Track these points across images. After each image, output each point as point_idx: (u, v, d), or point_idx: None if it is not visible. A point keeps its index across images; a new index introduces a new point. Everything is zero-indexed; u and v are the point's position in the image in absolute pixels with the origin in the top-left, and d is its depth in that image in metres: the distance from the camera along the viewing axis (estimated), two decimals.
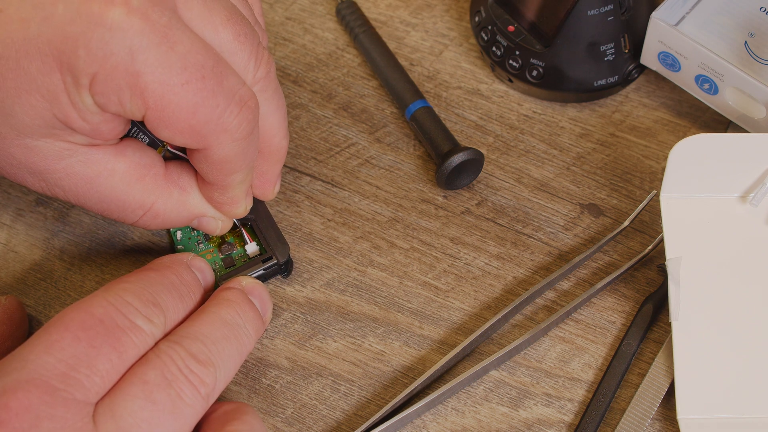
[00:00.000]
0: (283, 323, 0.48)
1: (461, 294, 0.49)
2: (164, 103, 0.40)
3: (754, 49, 0.50)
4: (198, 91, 0.40)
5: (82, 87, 0.39)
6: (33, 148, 0.42)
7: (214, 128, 0.41)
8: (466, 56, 0.58)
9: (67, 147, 0.42)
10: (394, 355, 0.47)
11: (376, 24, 0.59)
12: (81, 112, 0.40)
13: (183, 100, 0.40)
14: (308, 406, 0.46)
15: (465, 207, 0.52)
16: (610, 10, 0.52)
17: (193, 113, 0.40)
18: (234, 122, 0.41)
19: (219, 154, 0.42)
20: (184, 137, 0.41)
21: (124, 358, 0.38)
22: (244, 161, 0.44)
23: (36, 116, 0.40)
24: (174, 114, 0.40)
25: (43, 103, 0.40)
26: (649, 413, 0.45)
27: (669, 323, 0.46)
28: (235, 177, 0.44)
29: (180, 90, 0.40)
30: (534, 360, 0.47)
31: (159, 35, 0.39)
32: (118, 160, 0.43)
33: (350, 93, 0.56)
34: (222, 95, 0.41)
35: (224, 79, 0.41)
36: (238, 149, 0.43)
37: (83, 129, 0.41)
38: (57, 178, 0.43)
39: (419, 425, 0.45)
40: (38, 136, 0.41)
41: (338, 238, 0.51)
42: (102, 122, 0.41)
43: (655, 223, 0.51)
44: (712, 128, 0.54)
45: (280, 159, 0.48)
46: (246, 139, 0.42)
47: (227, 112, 0.41)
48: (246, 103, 0.42)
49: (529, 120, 0.55)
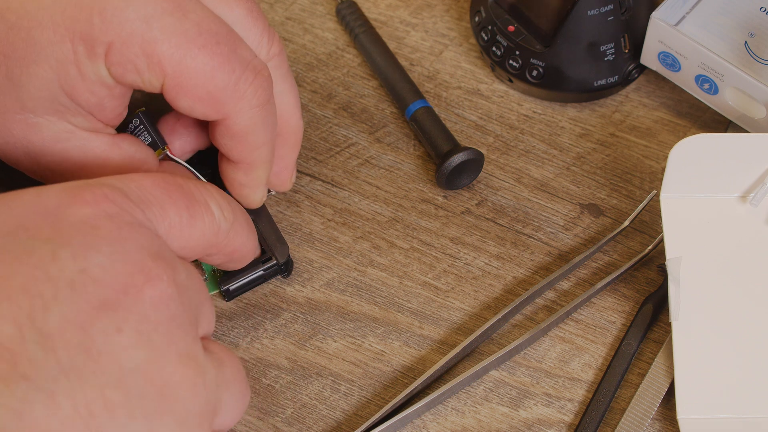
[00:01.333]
0: (283, 323, 0.48)
1: (461, 294, 0.49)
2: (182, 68, 0.40)
3: (754, 49, 0.50)
4: (214, 55, 0.40)
5: (97, 57, 0.40)
6: (34, 125, 0.42)
7: (232, 94, 0.41)
8: (466, 56, 0.58)
9: (67, 129, 0.42)
10: (394, 355, 0.47)
11: (376, 24, 0.59)
12: (89, 83, 0.41)
13: (200, 64, 0.40)
14: (308, 406, 0.46)
15: (465, 207, 0.52)
16: (610, 10, 0.52)
17: (210, 78, 0.41)
18: (249, 89, 0.42)
19: (240, 124, 0.43)
20: (203, 105, 0.42)
21: (191, 224, 0.38)
22: (265, 134, 0.44)
23: (42, 88, 0.40)
24: (192, 80, 0.41)
25: (51, 74, 0.40)
26: (649, 413, 0.45)
27: (669, 323, 0.46)
28: (260, 153, 0.45)
29: (197, 54, 0.40)
30: (534, 360, 0.47)
31: (172, 4, 0.40)
32: (113, 150, 0.44)
33: (350, 93, 0.56)
34: (237, 61, 0.41)
35: (237, 47, 0.42)
36: (258, 118, 0.43)
37: (88, 103, 0.41)
38: (51, 161, 0.43)
39: (419, 425, 0.45)
40: (41, 112, 0.41)
41: (338, 238, 0.51)
42: (107, 97, 0.42)
43: (655, 223, 0.51)
44: (712, 128, 0.54)
45: (297, 142, 0.49)
46: (263, 108, 0.43)
47: (242, 79, 0.42)
48: (260, 71, 0.42)
49: (529, 120, 0.55)
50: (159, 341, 0.33)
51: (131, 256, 0.34)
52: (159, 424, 0.32)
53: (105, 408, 0.31)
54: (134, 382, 0.32)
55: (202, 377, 0.34)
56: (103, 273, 0.33)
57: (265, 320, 0.48)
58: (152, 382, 0.33)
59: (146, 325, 0.33)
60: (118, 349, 0.32)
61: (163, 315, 0.34)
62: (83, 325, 0.32)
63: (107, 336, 0.32)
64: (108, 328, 0.32)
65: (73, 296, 0.32)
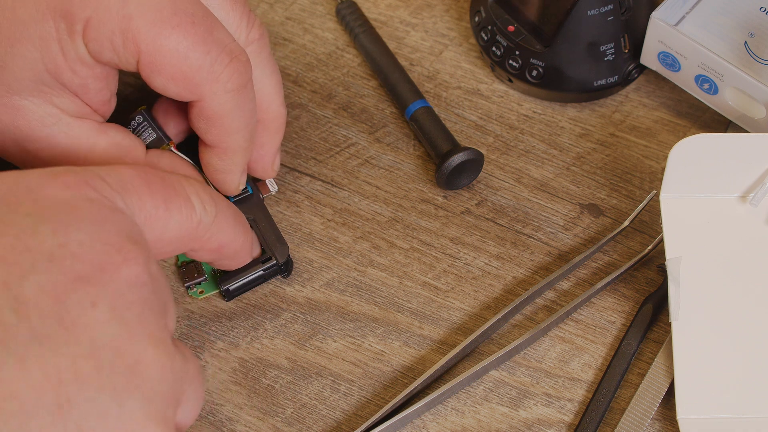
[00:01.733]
0: (283, 323, 0.48)
1: (461, 294, 0.49)
2: (156, 46, 0.40)
3: (754, 49, 0.50)
4: (188, 34, 0.41)
5: (76, 34, 0.40)
6: (20, 108, 0.42)
7: (206, 76, 0.42)
8: (466, 56, 0.58)
9: (52, 113, 0.43)
10: (394, 355, 0.47)
11: (376, 24, 0.59)
12: (71, 62, 0.41)
13: (174, 43, 0.41)
14: (308, 406, 0.46)
15: (465, 207, 0.52)
16: (610, 10, 0.52)
17: (184, 58, 0.41)
18: (225, 72, 0.42)
19: (213, 107, 0.43)
20: (177, 85, 0.42)
21: (168, 215, 0.38)
22: (241, 119, 0.44)
23: (26, 68, 0.41)
24: (166, 58, 0.41)
25: (35, 52, 0.41)
26: (649, 413, 0.45)
27: (669, 323, 0.46)
28: (235, 138, 0.45)
29: (171, 32, 0.40)
30: (534, 360, 0.47)
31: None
32: (100, 137, 0.44)
33: (350, 93, 0.56)
34: (212, 43, 0.42)
35: (214, 29, 0.42)
36: (233, 103, 0.43)
37: (72, 83, 0.42)
38: (38, 148, 0.43)
39: (419, 425, 0.45)
40: (27, 94, 0.42)
41: (338, 238, 0.51)
42: (90, 77, 0.42)
43: (655, 223, 0.51)
44: (712, 128, 0.54)
45: (279, 129, 0.49)
46: (239, 92, 0.43)
47: (218, 61, 0.42)
48: (236, 56, 0.43)
49: (529, 120, 0.55)
50: (132, 320, 0.34)
51: (110, 236, 0.34)
52: (127, 400, 0.32)
53: (75, 378, 0.31)
54: (106, 356, 0.32)
55: (170, 361, 0.34)
56: (82, 249, 0.33)
57: (265, 320, 0.48)
58: (123, 358, 0.33)
59: (120, 303, 0.33)
60: (92, 322, 0.32)
61: (137, 296, 0.34)
62: (58, 296, 0.32)
63: (82, 309, 0.32)
64: (83, 301, 0.33)
65: (51, 268, 0.33)
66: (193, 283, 0.49)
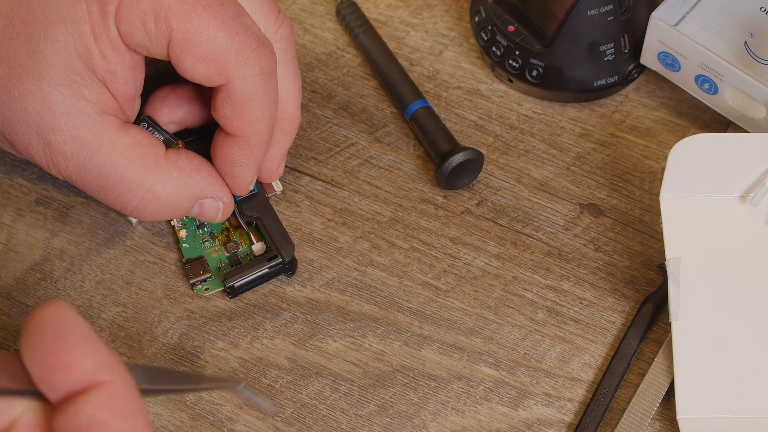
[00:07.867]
0: (283, 323, 0.48)
1: (461, 294, 0.49)
2: (187, 26, 0.42)
3: (754, 49, 0.50)
4: (219, 14, 0.42)
5: (108, 15, 0.42)
6: (48, 97, 0.43)
7: (235, 57, 0.43)
8: (466, 56, 0.58)
9: (79, 105, 0.43)
10: (394, 355, 0.47)
11: (376, 24, 0.59)
12: (101, 45, 0.42)
13: (205, 21, 0.42)
14: (308, 406, 0.46)
15: (465, 207, 0.52)
16: (610, 10, 0.52)
17: (214, 37, 0.42)
18: (253, 55, 0.43)
19: (241, 90, 0.44)
20: (206, 66, 0.43)
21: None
22: (266, 106, 0.45)
23: (58, 53, 0.42)
24: (197, 37, 0.42)
25: (66, 35, 0.42)
26: (649, 413, 0.45)
27: (669, 323, 0.46)
28: (258, 128, 0.45)
29: (202, 11, 0.42)
30: (534, 360, 0.47)
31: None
32: (121, 134, 0.45)
33: (350, 93, 0.56)
34: (240, 26, 0.43)
35: (242, 14, 0.43)
36: (260, 87, 0.44)
37: (101, 69, 0.43)
38: (61, 140, 0.44)
39: (419, 425, 0.45)
40: (56, 82, 0.43)
41: (338, 238, 0.51)
42: (119, 64, 0.43)
43: (655, 223, 0.51)
44: (712, 128, 0.54)
45: (292, 131, 0.49)
46: (265, 77, 0.44)
47: (246, 45, 0.43)
48: (263, 42, 0.44)
49: (529, 120, 0.55)
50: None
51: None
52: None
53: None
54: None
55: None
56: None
57: (265, 320, 0.48)
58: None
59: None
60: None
61: None
62: None
63: None
64: None
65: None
66: (198, 280, 0.49)
